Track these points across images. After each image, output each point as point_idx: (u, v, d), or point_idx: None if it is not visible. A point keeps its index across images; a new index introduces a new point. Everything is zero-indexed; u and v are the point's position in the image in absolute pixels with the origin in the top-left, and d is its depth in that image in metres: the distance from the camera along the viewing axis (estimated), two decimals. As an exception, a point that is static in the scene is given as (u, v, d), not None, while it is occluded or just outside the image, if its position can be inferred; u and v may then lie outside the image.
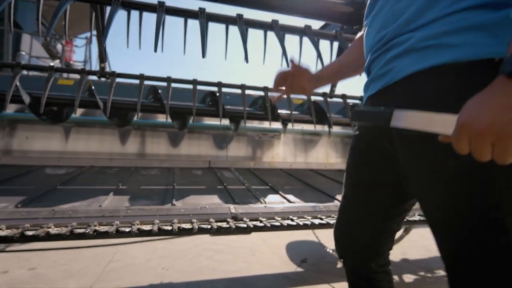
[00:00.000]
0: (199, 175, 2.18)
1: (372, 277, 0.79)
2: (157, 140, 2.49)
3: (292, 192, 1.77)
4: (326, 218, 1.39)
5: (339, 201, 1.74)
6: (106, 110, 1.63)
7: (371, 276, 0.79)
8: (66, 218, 1.15)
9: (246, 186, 1.87)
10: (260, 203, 1.52)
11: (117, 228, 1.10)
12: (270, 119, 2.02)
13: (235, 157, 2.61)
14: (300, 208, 1.46)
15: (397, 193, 0.74)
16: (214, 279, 2.16)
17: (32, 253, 2.73)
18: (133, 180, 1.87)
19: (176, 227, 1.15)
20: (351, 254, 0.83)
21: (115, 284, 2.04)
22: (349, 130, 3.07)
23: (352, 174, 0.82)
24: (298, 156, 2.82)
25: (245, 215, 1.33)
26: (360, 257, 0.80)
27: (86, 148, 2.32)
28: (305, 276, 2.23)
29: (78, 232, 1.06)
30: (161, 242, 3.10)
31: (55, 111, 2.12)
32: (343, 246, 0.85)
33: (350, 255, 0.84)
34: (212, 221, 1.24)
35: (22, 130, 2.22)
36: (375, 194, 0.77)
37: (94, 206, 1.27)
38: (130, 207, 1.27)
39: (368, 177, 0.78)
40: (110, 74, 1.69)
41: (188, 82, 1.84)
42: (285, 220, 1.33)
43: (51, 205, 1.26)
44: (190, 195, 1.59)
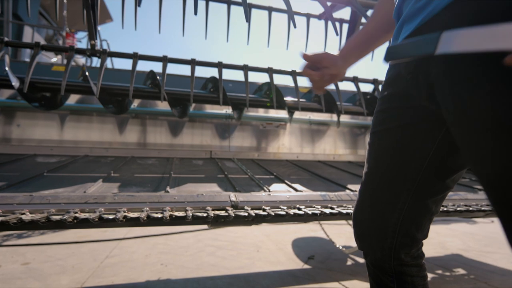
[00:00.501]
0: (199, 165, 2.04)
1: (402, 271, 0.64)
2: (156, 129, 2.36)
3: (299, 182, 1.62)
4: (338, 207, 1.24)
5: (352, 190, 1.59)
6: (97, 91, 1.49)
7: (401, 270, 0.64)
8: (44, 204, 1.02)
9: (249, 175, 1.72)
10: (264, 191, 1.37)
11: (100, 215, 0.97)
12: (274, 104, 1.86)
13: (238, 147, 2.46)
14: (308, 197, 1.31)
15: (437, 164, 0.59)
16: (215, 275, 2.02)
17: (28, 248, 2.63)
18: (127, 168, 1.74)
19: (167, 215, 1.01)
20: (375, 242, 0.68)
21: (110, 280, 1.92)
22: (358, 120, 2.91)
23: (378, 144, 0.67)
24: (304, 147, 2.67)
25: (247, 203, 1.19)
26: (388, 246, 0.65)
27: (81, 137, 2.20)
28: (312, 274, 2.08)
29: (55, 219, 0.93)
30: (161, 238, 2.98)
31: (48, 97, 2.00)
32: (366, 233, 0.70)
33: (375, 244, 0.68)
34: (209, 209, 1.09)
35: (13, 118, 2.11)
36: (408, 167, 0.62)
37: (78, 193, 1.14)
38: (118, 194, 1.13)
39: (400, 146, 0.63)
40: (101, 52, 1.56)
41: (186, 62, 1.70)
42: (292, 209, 1.18)
43: (31, 191, 1.14)
44: (187, 183, 1.45)
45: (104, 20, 7.39)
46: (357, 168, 2.37)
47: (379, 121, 0.68)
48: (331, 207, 1.24)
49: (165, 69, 1.64)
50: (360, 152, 2.90)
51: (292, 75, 1.94)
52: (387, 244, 0.65)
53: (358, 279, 1.99)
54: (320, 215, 1.16)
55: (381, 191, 0.66)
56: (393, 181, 0.64)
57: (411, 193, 0.62)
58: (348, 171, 2.11)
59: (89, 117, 2.27)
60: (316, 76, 0.71)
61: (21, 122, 2.12)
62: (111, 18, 7.64)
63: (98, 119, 2.28)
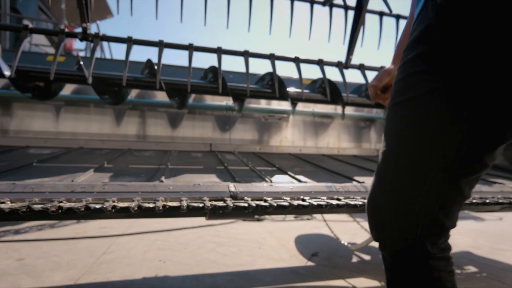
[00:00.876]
0: (198, 157, 1.96)
1: (427, 264, 0.54)
2: (154, 121, 2.28)
3: (302, 173, 1.53)
4: (345, 199, 1.15)
5: (359, 182, 1.50)
6: (88, 76, 1.41)
7: (427, 263, 0.55)
8: (27, 193, 0.94)
9: (250, 167, 1.64)
10: (265, 182, 1.29)
11: (86, 205, 0.88)
12: (277, 93, 1.77)
13: (239, 140, 2.38)
14: (313, 188, 1.23)
15: (473, 136, 0.50)
16: (215, 272, 1.94)
17: (23, 244, 2.57)
18: (122, 160, 1.66)
19: (160, 205, 0.92)
20: (397, 231, 0.58)
21: (105, 277, 1.84)
22: (363, 113, 2.81)
23: (400, 117, 0.58)
24: (308, 140, 2.58)
25: (247, 194, 1.10)
26: (412, 236, 0.55)
27: (76, 128, 2.13)
28: (316, 271, 2.00)
29: (36, 208, 0.85)
30: (161, 234, 2.91)
31: (41, 87, 1.93)
32: (385, 221, 0.60)
33: (396, 233, 0.58)
34: (205, 200, 1.01)
35: (6, 109, 2.03)
36: (441, 140, 0.52)
37: (66, 182, 1.06)
38: (108, 183, 1.05)
39: (430, 116, 0.53)
40: (93, 36, 1.48)
41: (183, 47, 1.61)
42: (295, 200, 1.09)
43: (16, 180, 1.06)
44: (184, 174, 1.37)
45: (104, 16, 7.33)
46: (363, 161, 2.28)
47: (401, 90, 0.58)
48: (337, 198, 1.15)
49: (161, 54, 1.55)
50: (365, 145, 2.81)
51: (296, 61, 1.85)
52: (411, 233, 0.55)
53: (365, 277, 1.90)
54: (326, 206, 1.07)
55: (405, 171, 0.57)
56: (420, 158, 0.54)
57: (442, 172, 0.52)
58: (354, 164, 2.02)
59: (85, 108, 2.19)
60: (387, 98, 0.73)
61: (14, 113, 2.05)
62: (111, 13, 7.57)
63: (94, 111, 2.20)
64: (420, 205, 0.54)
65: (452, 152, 0.52)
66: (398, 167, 0.57)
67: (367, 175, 1.67)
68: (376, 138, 2.86)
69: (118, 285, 1.75)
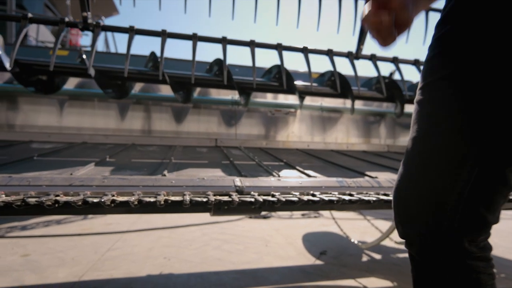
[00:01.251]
0: (203, 152, 1.90)
1: (464, 265, 0.47)
2: (159, 116, 2.23)
3: (311, 168, 1.47)
4: (358, 194, 1.08)
5: (372, 177, 1.42)
6: (89, 67, 1.37)
7: (464, 264, 0.48)
8: (23, 186, 0.90)
9: (256, 162, 1.58)
10: (273, 176, 1.22)
11: (84, 199, 0.84)
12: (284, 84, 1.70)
13: (245, 135, 2.32)
14: (323, 182, 1.16)
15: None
16: (221, 270, 1.89)
17: (29, 240, 2.56)
18: (125, 154, 1.62)
19: (161, 200, 0.87)
20: (428, 226, 0.51)
21: (109, 273, 1.81)
22: (372, 107, 2.72)
23: (433, 98, 0.51)
24: (315, 135, 2.50)
25: (253, 188, 1.05)
26: (447, 231, 0.48)
27: (80, 123, 2.10)
28: (325, 270, 1.93)
29: (32, 202, 0.81)
30: (166, 231, 2.88)
31: (44, 81, 1.90)
32: (413, 215, 0.53)
33: (427, 228, 0.51)
34: (210, 194, 0.95)
35: (9, 103, 2.01)
36: (482, 121, 0.45)
37: (65, 175, 1.01)
38: (108, 176, 1.00)
39: (470, 94, 0.46)
40: (94, 26, 1.43)
41: (186, 37, 1.56)
42: (305, 195, 1.02)
43: (13, 173, 1.02)
44: (188, 168, 1.31)
45: (110, 13, 7.33)
46: (373, 157, 2.20)
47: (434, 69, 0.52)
48: (350, 193, 1.08)
49: (163, 44, 1.50)
50: (375, 141, 2.72)
51: (304, 52, 1.77)
52: (445, 227, 0.48)
53: (376, 277, 1.83)
54: (338, 202, 1.01)
55: (439, 157, 0.49)
56: (458, 142, 0.47)
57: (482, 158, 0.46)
58: (364, 159, 1.94)
59: (89, 103, 2.16)
60: (387, 20, 0.49)
61: (19, 108, 2.02)
62: (117, 11, 7.57)
63: (98, 105, 2.17)
64: (456, 197, 0.47)
65: (497, 136, 0.45)
66: (431, 153, 0.50)
67: (379, 170, 1.59)
68: (387, 133, 2.77)
69: (122, 282, 1.72)
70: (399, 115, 2.22)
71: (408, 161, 0.54)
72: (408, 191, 0.53)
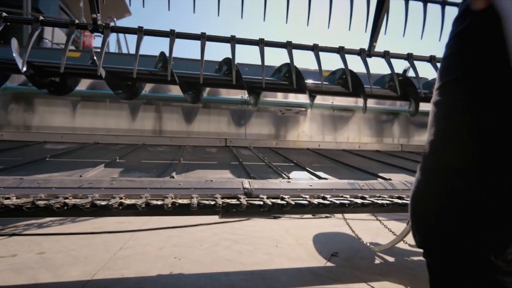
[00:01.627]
0: (213, 152, 1.90)
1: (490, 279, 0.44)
2: (169, 116, 2.24)
3: (322, 169, 1.43)
4: (370, 197, 1.04)
5: (385, 179, 1.38)
6: (98, 68, 1.38)
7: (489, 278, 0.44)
8: (33, 188, 0.91)
9: (266, 162, 1.55)
10: (282, 178, 1.20)
11: (92, 202, 0.84)
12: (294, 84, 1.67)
13: (255, 135, 2.30)
14: (334, 185, 1.13)
15: None
16: (230, 271, 1.88)
17: (45, 238, 2.63)
18: (134, 155, 1.63)
19: (169, 203, 0.86)
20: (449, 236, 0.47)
21: (120, 273, 1.83)
22: (385, 106, 2.65)
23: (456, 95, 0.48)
24: (326, 134, 2.46)
25: (262, 191, 1.02)
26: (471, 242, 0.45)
27: (92, 124, 2.12)
28: (336, 273, 1.89)
29: (41, 204, 0.81)
30: (177, 230, 2.89)
31: (57, 83, 1.93)
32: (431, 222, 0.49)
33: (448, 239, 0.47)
34: (217, 197, 0.94)
35: (24, 104, 2.06)
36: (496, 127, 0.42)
37: (74, 177, 1.02)
38: (116, 178, 1.00)
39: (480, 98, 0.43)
40: (104, 27, 1.44)
41: (195, 37, 1.54)
42: (315, 198, 1.00)
43: (25, 175, 1.03)
44: (197, 169, 1.31)
45: (122, 14, 7.44)
46: (386, 157, 2.14)
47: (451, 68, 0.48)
48: (362, 196, 1.05)
49: (172, 45, 1.49)
50: (387, 140, 2.65)
51: (314, 50, 1.73)
52: (469, 238, 0.45)
53: (389, 281, 1.78)
54: (349, 205, 0.97)
55: (457, 163, 0.46)
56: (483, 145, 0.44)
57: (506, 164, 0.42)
58: (377, 160, 1.89)
59: (101, 104, 2.18)
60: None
61: (33, 109, 2.07)
62: (129, 12, 7.67)
63: (110, 106, 2.19)
64: (482, 204, 0.43)
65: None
66: (450, 158, 0.47)
67: (392, 171, 1.54)
68: (399, 132, 2.69)
69: (132, 281, 1.73)
70: (414, 114, 2.14)
71: (425, 166, 0.51)
72: (426, 198, 0.50)
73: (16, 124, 2.01)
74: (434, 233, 0.49)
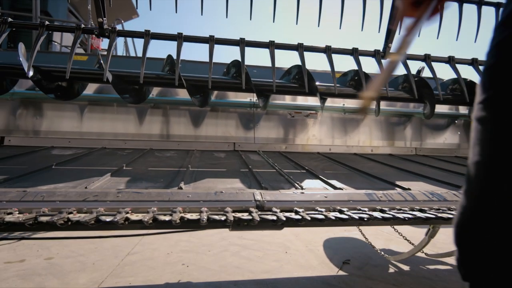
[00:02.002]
0: (221, 157, 1.85)
1: None
2: (177, 120, 2.20)
3: (335, 177, 1.37)
4: (390, 210, 0.98)
5: (403, 188, 1.31)
6: (105, 73, 1.34)
7: None
8: (37, 201, 0.87)
9: (276, 169, 1.50)
10: (295, 188, 1.14)
11: (97, 217, 0.79)
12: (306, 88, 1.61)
13: (263, 139, 2.24)
14: (350, 196, 1.07)
15: None
16: (239, 280, 1.83)
17: (53, 242, 2.62)
18: (142, 161, 1.59)
19: (177, 218, 0.82)
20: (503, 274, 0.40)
21: (127, 281, 1.80)
22: (396, 107, 2.56)
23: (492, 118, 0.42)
24: (336, 138, 2.38)
25: (275, 203, 0.97)
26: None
27: (99, 128, 2.10)
28: (349, 283, 1.83)
29: (44, 220, 0.77)
30: (185, 234, 2.86)
31: (64, 87, 1.91)
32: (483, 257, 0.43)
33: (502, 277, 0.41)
34: (228, 211, 0.89)
35: (32, 109, 2.04)
36: None
37: (79, 189, 0.98)
38: (123, 190, 0.96)
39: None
40: (110, 31, 1.40)
41: (203, 41, 1.50)
42: (331, 212, 0.94)
43: (29, 186, 1.00)
44: (205, 178, 1.26)
45: (130, 16, 7.45)
46: (401, 162, 2.06)
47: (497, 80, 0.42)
48: (381, 209, 0.98)
49: (180, 48, 1.45)
50: (399, 143, 2.56)
51: (327, 52, 1.67)
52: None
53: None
54: (369, 220, 0.91)
55: (509, 189, 0.40)
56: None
57: None
58: (391, 165, 1.81)
59: (108, 108, 2.16)
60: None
61: (39, 114, 2.05)
62: (137, 14, 7.69)
63: (117, 110, 2.16)
64: None
65: None
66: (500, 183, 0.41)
67: (410, 179, 1.47)
68: (413, 135, 2.60)
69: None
70: (429, 116, 2.06)
71: (471, 191, 0.45)
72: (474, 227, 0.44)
73: (24, 129, 2.00)
74: (484, 270, 0.43)
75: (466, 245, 0.46)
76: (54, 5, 5.02)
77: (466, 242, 0.46)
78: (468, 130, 2.65)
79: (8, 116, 2.02)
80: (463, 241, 0.47)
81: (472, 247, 0.44)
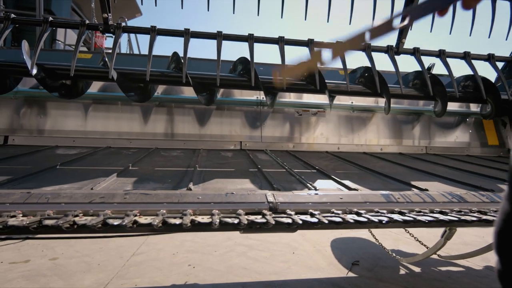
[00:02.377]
0: (228, 157, 1.81)
1: None
2: (182, 118, 2.16)
3: (348, 177, 1.32)
4: (410, 212, 0.93)
5: (420, 189, 1.26)
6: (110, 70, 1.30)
7: None
8: (41, 204, 0.84)
9: (286, 169, 1.45)
10: (308, 189, 1.10)
11: (104, 220, 0.76)
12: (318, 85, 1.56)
13: (270, 137, 2.20)
14: (366, 197, 1.02)
15: None
16: (247, 282, 1.80)
17: (58, 241, 2.60)
18: (148, 161, 1.55)
19: (187, 221, 0.78)
20: None
21: (133, 282, 1.77)
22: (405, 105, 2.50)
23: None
24: (343, 136, 2.33)
25: (288, 205, 0.93)
26: None
27: (104, 127, 2.07)
28: (359, 285, 1.78)
29: (49, 224, 0.74)
30: (189, 234, 2.82)
31: (68, 86, 1.87)
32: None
33: None
34: (241, 213, 0.85)
35: (36, 108, 2.02)
36: None
37: (84, 190, 0.94)
38: (130, 192, 0.92)
39: None
40: (116, 27, 1.36)
41: (211, 37, 1.45)
42: (349, 214, 0.89)
43: (33, 187, 0.96)
44: (214, 179, 1.22)
45: (133, 14, 7.43)
46: (412, 161, 2.00)
47: None
48: (400, 211, 0.94)
49: (187, 45, 1.41)
50: (408, 142, 2.50)
51: (338, 48, 1.62)
52: None
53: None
54: (389, 222, 0.87)
55: None
56: None
57: None
58: (403, 164, 1.76)
59: (113, 106, 2.12)
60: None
61: (43, 113, 2.02)
62: (140, 12, 7.66)
63: (122, 108, 2.13)
64: None
65: None
66: None
67: (424, 179, 1.42)
68: (422, 133, 2.54)
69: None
70: (441, 114, 2.00)
71: None
72: None
73: (28, 128, 1.97)
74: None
75: (510, 254, 0.42)
76: (57, 4, 5.00)
77: (510, 251, 0.42)
78: (479, 128, 2.58)
79: (12, 115, 1.99)
80: (506, 250, 0.43)
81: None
